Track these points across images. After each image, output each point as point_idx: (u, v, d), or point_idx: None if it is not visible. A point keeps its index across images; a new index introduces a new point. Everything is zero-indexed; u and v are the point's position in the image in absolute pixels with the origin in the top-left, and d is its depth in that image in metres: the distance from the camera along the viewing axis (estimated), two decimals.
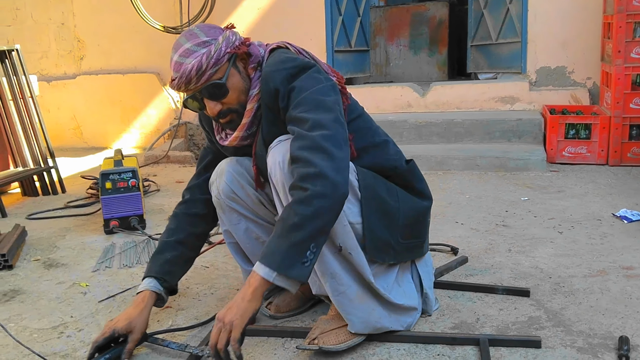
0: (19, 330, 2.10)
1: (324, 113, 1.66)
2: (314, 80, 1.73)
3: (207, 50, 1.73)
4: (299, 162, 1.61)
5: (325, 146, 1.60)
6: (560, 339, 1.87)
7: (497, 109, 5.07)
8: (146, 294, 1.92)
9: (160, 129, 5.90)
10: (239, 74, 1.82)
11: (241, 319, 1.58)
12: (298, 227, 1.55)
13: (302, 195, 1.56)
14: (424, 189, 2.01)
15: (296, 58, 1.78)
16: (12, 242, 2.84)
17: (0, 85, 4.09)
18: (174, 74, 1.77)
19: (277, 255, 1.56)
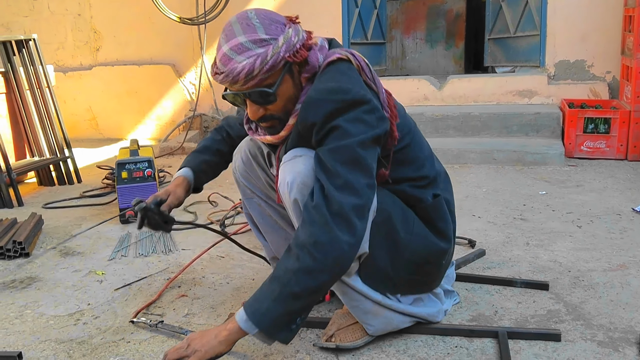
0: (35, 317, 2.11)
1: (360, 174, 1.51)
2: (361, 124, 1.53)
3: (264, 53, 1.53)
4: (318, 220, 1.48)
5: (350, 217, 1.48)
6: (580, 332, 1.84)
7: (515, 102, 5.02)
8: (182, 178, 1.99)
9: (176, 121, 5.91)
10: (292, 81, 1.63)
11: (202, 354, 1.54)
12: (298, 297, 1.48)
13: (310, 265, 1.46)
14: (445, 229, 1.80)
15: (349, 90, 1.54)
16: (28, 231, 2.85)
17: (18, 75, 4.11)
18: (220, 66, 1.58)
19: (268, 316, 1.50)
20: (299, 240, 1.50)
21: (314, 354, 1.77)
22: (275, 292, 1.49)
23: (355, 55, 1.66)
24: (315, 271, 1.47)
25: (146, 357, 1.79)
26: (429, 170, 1.79)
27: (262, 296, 1.52)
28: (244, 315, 1.52)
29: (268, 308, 1.49)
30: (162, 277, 2.42)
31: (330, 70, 1.61)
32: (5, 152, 3.74)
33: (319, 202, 1.50)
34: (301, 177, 1.59)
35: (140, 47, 5.98)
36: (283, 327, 1.52)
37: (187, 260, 2.51)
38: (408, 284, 1.79)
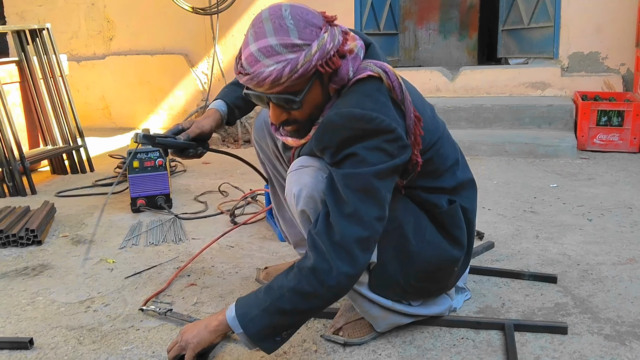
0: (47, 304, 2.14)
1: (370, 205, 1.45)
2: (380, 153, 1.46)
3: (295, 59, 1.42)
4: (319, 247, 1.45)
5: (352, 249, 1.44)
6: (587, 325, 1.84)
7: (528, 94, 4.99)
8: (214, 110, 1.92)
9: (188, 111, 5.93)
10: (321, 88, 1.53)
11: (195, 345, 1.59)
12: (287, 314, 1.49)
13: (304, 289, 1.45)
14: (460, 237, 1.73)
15: (372, 119, 1.44)
16: (41, 218, 2.88)
17: (31, 64, 4.14)
18: (245, 66, 1.47)
19: (254, 323, 1.50)
20: (302, 262, 1.49)
21: (321, 343, 1.79)
22: (266, 302, 1.49)
23: (388, 73, 1.54)
24: (308, 295, 1.46)
25: (155, 345, 1.81)
26: (447, 181, 1.71)
27: (254, 302, 1.52)
28: (233, 312, 1.54)
29: (256, 315, 1.50)
30: (172, 266, 2.44)
31: (358, 90, 1.51)
32: (18, 140, 3.77)
33: (321, 229, 1.46)
34: (308, 190, 1.55)
35: (153, 37, 6.00)
36: (267, 337, 1.52)
37: (196, 250, 2.53)
38: (418, 292, 1.77)
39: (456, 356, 1.70)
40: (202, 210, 3.23)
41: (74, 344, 1.84)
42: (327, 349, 1.76)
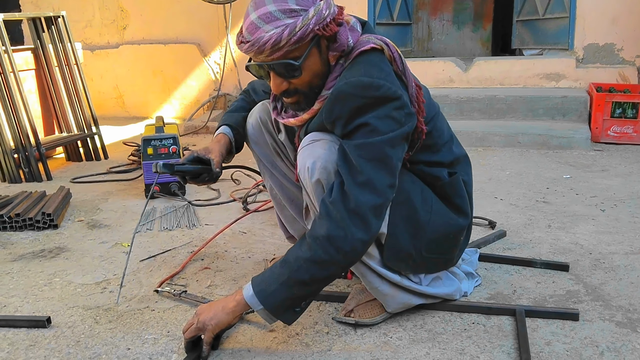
0: (64, 284, 2.17)
1: (383, 173, 1.51)
2: (390, 121, 1.51)
3: (292, 23, 1.47)
4: (334, 215, 1.50)
5: (367, 215, 1.49)
6: (599, 312, 1.85)
7: (542, 86, 4.97)
8: (222, 135, 1.94)
9: (200, 100, 5.96)
10: (319, 55, 1.58)
11: (214, 327, 1.60)
12: (305, 285, 1.53)
13: (321, 257, 1.50)
14: (463, 206, 1.81)
15: (380, 86, 1.50)
16: (57, 203, 2.92)
17: (47, 52, 4.18)
18: (246, 35, 1.52)
19: (273, 297, 1.54)
20: (314, 231, 1.53)
21: (332, 326, 1.81)
22: (284, 276, 1.53)
23: (389, 45, 1.61)
24: (325, 263, 1.51)
25: (170, 325, 1.84)
26: (445, 156, 1.78)
27: (271, 277, 1.55)
28: (251, 291, 1.57)
29: (275, 290, 1.53)
30: (186, 250, 2.47)
31: (363, 60, 1.57)
32: (34, 127, 3.81)
33: (337, 197, 1.50)
34: (322, 161, 1.58)
35: (166, 26, 6.02)
36: (287, 309, 1.57)
37: (210, 235, 2.56)
38: (428, 263, 1.80)
39: (467, 340, 1.72)
40: (215, 197, 3.26)
41: (90, 323, 1.87)
42: (339, 331, 1.78)
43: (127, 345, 1.73)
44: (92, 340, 1.77)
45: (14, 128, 3.71)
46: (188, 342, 1.63)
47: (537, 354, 1.63)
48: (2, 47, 3.71)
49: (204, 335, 1.62)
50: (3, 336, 1.80)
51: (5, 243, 2.62)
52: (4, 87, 3.68)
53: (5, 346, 1.75)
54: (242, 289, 1.60)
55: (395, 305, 1.81)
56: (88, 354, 1.69)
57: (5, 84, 3.69)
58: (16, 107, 3.71)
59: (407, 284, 1.78)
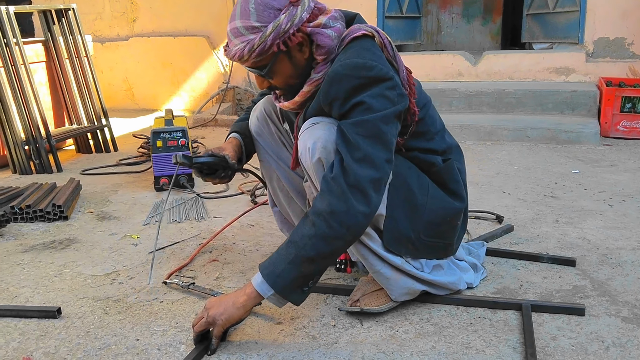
0: (74, 275, 2.20)
1: (380, 148, 1.58)
2: (383, 100, 1.59)
3: (252, 40, 1.59)
4: (335, 190, 1.55)
5: (367, 189, 1.55)
6: (605, 308, 1.85)
7: (551, 80, 4.95)
8: (233, 138, 2.03)
9: (209, 93, 5.98)
10: (289, 60, 1.67)
11: (224, 321, 1.63)
12: (312, 261, 1.56)
13: (325, 232, 1.54)
14: (458, 190, 1.87)
15: (373, 66, 1.58)
16: (67, 195, 2.95)
17: (57, 44, 4.20)
18: (227, 44, 1.68)
19: (282, 278, 1.57)
20: (316, 208, 1.57)
21: (339, 318, 1.82)
22: (291, 255, 1.57)
23: (379, 32, 1.70)
24: (330, 238, 1.55)
25: (178, 316, 1.86)
26: (438, 144, 1.85)
27: (277, 259, 1.59)
28: (259, 277, 1.60)
29: (283, 270, 1.57)
30: (195, 243, 2.49)
31: (355, 45, 1.65)
32: (45, 119, 3.84)
33: (337, 173, 1.56)
34: (322, 142, 1.64)
35: (176, 19, 6.04)
36: (296, 289, 1.60)
37: (218, 227, 2.58)
38: (427, 248, 1.82)
39: (473, 334, 1.73)
40: (224, 190, 3.27)
41: (100, 314, 1.89)
42: (346, 324, 1.79)
43: (136, 336, 1.75)
44: (101, 330, 1.79)
45: (24, 120, 3.74)
46: (197, 335, 1.66)
47: (542, 349, 1.63)
48: (13, 39, 3.73)
49: (213, 328, 1.64)
50: (14, 326, 1.83)
51: (16, 234, 2.65)
52: (15, 79, 3.71)
53: (17, 336, 1.78)
54: (249, 282, 1.63)
55: (399, 291, 1.82)
56: (98, 345, 1.72)
57: (16, 76, 3.72)
58: (27, 99, 3.74)
59: (408, 269, 1.80)
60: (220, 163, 1.90)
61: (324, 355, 1.64)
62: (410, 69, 1.81)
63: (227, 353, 1.66)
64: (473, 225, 2.58)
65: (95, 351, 1.68)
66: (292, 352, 1.66)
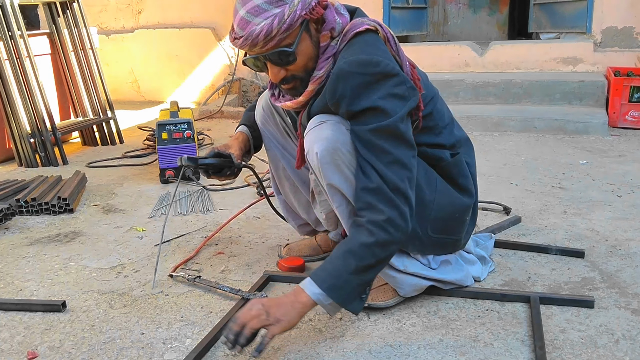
0: (79, 269, 2.19)
1: (404, 147, 1.57)
2: (395, 100, 1.56)
3: (280, 12, 1.52)
4: (383, 199, 1.54)
5: (406, 190, 1.56)
6: (615, 300, 1.83)
7: (559, 70, 4.90)
8: (240, 133, 2.03)
9: (215, 85, 5.96)
10: (310, 39, 1.62)
11: (285, 325, 1.51)
12: (373, 268, 1.56)
13: (385, 239, 1.53)
14: (467, 185, 1.83)
15: (379, 62, 1.54)
16: (72, 188, 2.94)
17: (62, 36, 4.19)
18: (238, 31, 1.57)
19: (345, 290, 1.53)
20: (372, 217, 1.55)
21: (345, 313, 1.80)
22: (352, 265, 1.53)
23: (382, 27, 1.67)
24: (388, 243, 1.55)
25: (183, 309, 1.85)
26: (446, 138, 1.81)
27: (337, 271, 1.54)
28: (317, 289, 1.52)
29: (346, 281, 1.53)
30: (200, 235, 2.48)
31: (359, 41, 1.62)
32: (50, 111, 3.84)
33: (377, 182, 1.55)
34: (330, 142, 1.60)
35: (181, 11, 6.01)
36: (356, 298, 1.57)
37: (224, 220, 2.56)
38: (435, 244, 1.80)
39: (481, 327, 1.71)
40: (229, 182, 3.26)
41: (105, 308, 1.89)
42: (352, 317, 1.78)
43: (141, 330, 1.75)
44: (106, 324, 1.79)
45: (30, 112, 3.73)
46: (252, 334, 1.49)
47: (551, 342, 1.62)
48: (18, 31, 3.72)
49: (269, 329, 1.50)
50: (19, 320, 1.83)
51: (22, 227, 2.65)
52: (20, 71, 3.70)
53: (21, 330, 1.77)
54: (302, 290, 1.54)
55: (407, 288, 1.81)
56: (102, 338, 1.71)
57: (22, 68, 3.71)
58: (32, 92, 3.74)
59: (413, 270, 1.78)
60: (226, 163, 1.90)
61: (331, 349, 1.63)
62: (416, 60, 1.78)
63: None
64: (480, 216, 2.55)
65: (100, 345, 1.68)
66: (298, 346, 1.65)
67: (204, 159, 1.88)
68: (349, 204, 1.68)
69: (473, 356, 1.57)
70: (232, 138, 2.01)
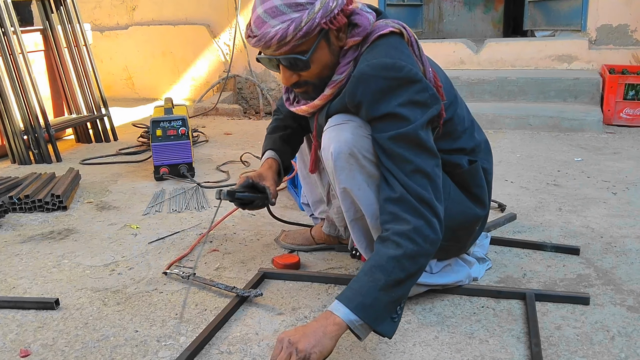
0: (72, 266, 2.18)
1: (426, 156, 1.52)
2: (416, 108, 1.51)
3: (299, 18, 1.47)
4: (407, 208, 1.48)
5: (431, 200, 1.50)
6: (610, 297, 1.83)
7: (554, 67, 4.91)
8: (270, 160, 1.98)
9: (210, 82, 5.94)
10: (328, 47, 1.57)
11: (318, 355, 1.39)
12: (402, 283, 1.46)
13: (413, 250, 1.46)
14: (481, 195, 1.77)
15: (402, 67, 1.49)
16: (66, 185, 2.93)
17: (56, 33, 4.16)
18: (254, 29, 1.53)
19: (373, 308, 1.43)
20: (396, 229, 1.48)
21: None
22: (381, 281, 1.44)
23: (406, 29, 1.61)
24: (417, 256, 1.47)
25: (178, 307, 1.84)
26: (466, 142, 1.75)
27: (364, 288, 1.45)
28: (345, 309, 1.43)
29: (375, 299, 1.43)
30: (195, 232, 2.46)
31: (383, 43, 1.56)
32: (44, 108, 3.81)
33: (400, 191, 1.50)
34: (348, 147, 1.57)
35: (176, 7, 5.99)
36: (386, 318, 1.47)
37: (218, 217, 2.55)
38: (441, 250, 1.73)
39: (476, 324, 1.71)
40: (224, 179, 3.25)
41: (98, 305, 1.87)
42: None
43: (135, 328, 1.73)
44: (100, 322, 1.77)
45: (23, 109, 3.70)
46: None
47: (547, 338, 1.61)
48: (11, 28, 3.69)
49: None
50: (12, 317, 1.81)
51: (15, 224, 2.63)
52: (14, 68, 3.68)
53: (14, 327, 1.76)
54: (331, 313, 1.44)
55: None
56: (96, 336, 1.70)
57: (15, 65, 3.68)
58: (25, 89, 3.71)
59: None
60: (262, 199, 1.91)
61: None
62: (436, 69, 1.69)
63: (227, 344, 1.63)
64: None
65: (93, 343, 1.66)
66: None
67: (241, 193, 1.89)
68: (357, 211, 1.67)
69: (468, 353, 1.57)
70: (264, 166, 1.96)
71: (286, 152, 2.00)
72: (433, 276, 1.81)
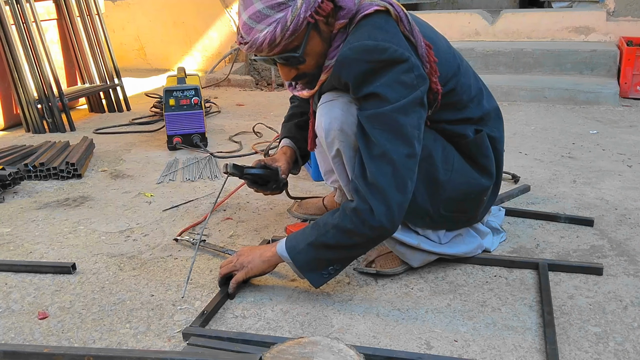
0: (88, 232, 2.20)
1: (399, 143, 1.49)
2: (399, 87, 1.48)
3: (283, 18, 1.46)
4: (358, 189, 1.52)
5: (385, 188, 1.48)
6: (623, 267, 1.83)
7: (571, 39, 4.84)
8: (285, 147, 2.02)
9: (222, 52, 5.91)
10: (320, 36, 1.55)
11: (248, 270, 1.68)
12: (329, 248, 1.57)
13: (347, 226, 1.53)
14: (488, 166, 1.75)
15: (386, 49, 1.46)
16: (80, 153, 2.94)
17: (68, 1, 4.14)
18: (244, 36, 1.53)
19: (301, 256, 1.60)
20: (347, 203, 1.57)
21: (353, 276, 1.81)
22: (312, 237, 1.58)
23: (393, 5, 1.56)
24: (350, 232, 1.54)
25: (192, 272, 1.86)
26: (473, 111, 1.72)
27: (302, 237, 1.61)
28: (283, 245, 1.63)
29: (302, 248, 1.59)
30: (208, 201, 2.48)
31: (367, 24, 1.53)
32: (57, 77, 3.82)
33: (357, 172, 1.54)
34: (338, 123, 1.58)
35: None
36: (313, 270, 1.61)
37: (232, 186, 2.55)
38: (447, 221, 1.78)
39: (488, 292, 1.71)
40: (237, 149, 3.25)
41: (114, 270, 1.90)
42: (360, 282, 1.78)
43: (150, 292, 1.76)
44: (116, 286, 1.80)
45: (36, 78, 3.71)
46: (222, 277, 1.72)
47: (559, 307, 1.62)
48: None
49: (236, 273, 1.69)
50: (30, 281, 1.84)
51: (30, 191, 2.65)
52: (27, 37, 3.68)
53: (32, 291, 1.79)
54: (277, 242, 1.66)
55: (417, 262, 1.81)
56: (113, 300, 1.72)
57: (28, 34, 3.68)
58: (39, 58, 3.71)
59: (424, 247, 1.77)
60: (272, 176, 1.91)
61: (339, 312, 1.63)
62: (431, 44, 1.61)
63: (241, 309, 1.65)
64: None
65: (110, 306, 1.69)
66: (306, 309, 1.65)
67: (250, 169, 1.88)
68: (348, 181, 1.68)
69: (481, 320, 1.58)
70: (278, 153, 1.99)
71: (302, 138, 2.01)
72: (442, 246, 1.82)
